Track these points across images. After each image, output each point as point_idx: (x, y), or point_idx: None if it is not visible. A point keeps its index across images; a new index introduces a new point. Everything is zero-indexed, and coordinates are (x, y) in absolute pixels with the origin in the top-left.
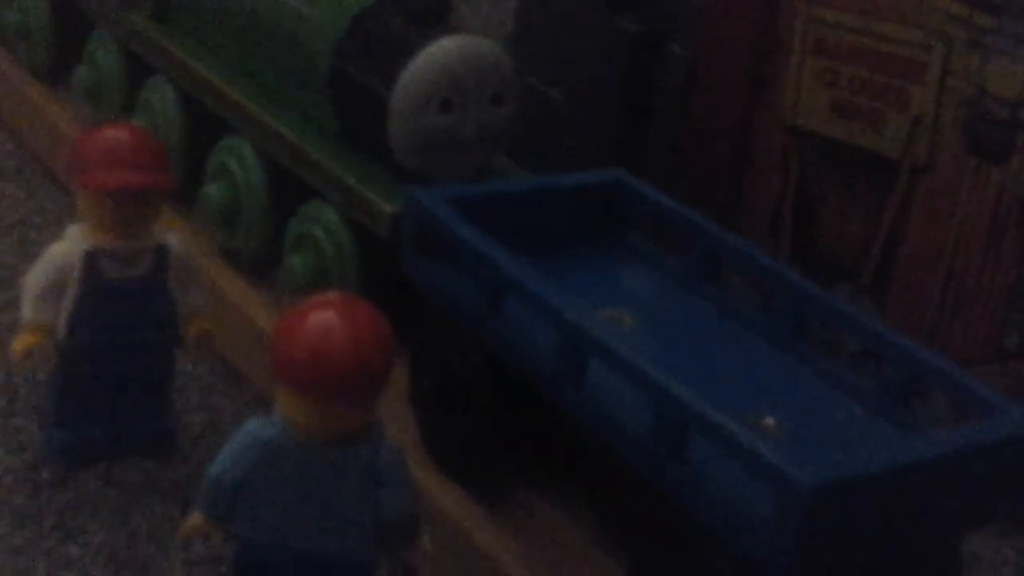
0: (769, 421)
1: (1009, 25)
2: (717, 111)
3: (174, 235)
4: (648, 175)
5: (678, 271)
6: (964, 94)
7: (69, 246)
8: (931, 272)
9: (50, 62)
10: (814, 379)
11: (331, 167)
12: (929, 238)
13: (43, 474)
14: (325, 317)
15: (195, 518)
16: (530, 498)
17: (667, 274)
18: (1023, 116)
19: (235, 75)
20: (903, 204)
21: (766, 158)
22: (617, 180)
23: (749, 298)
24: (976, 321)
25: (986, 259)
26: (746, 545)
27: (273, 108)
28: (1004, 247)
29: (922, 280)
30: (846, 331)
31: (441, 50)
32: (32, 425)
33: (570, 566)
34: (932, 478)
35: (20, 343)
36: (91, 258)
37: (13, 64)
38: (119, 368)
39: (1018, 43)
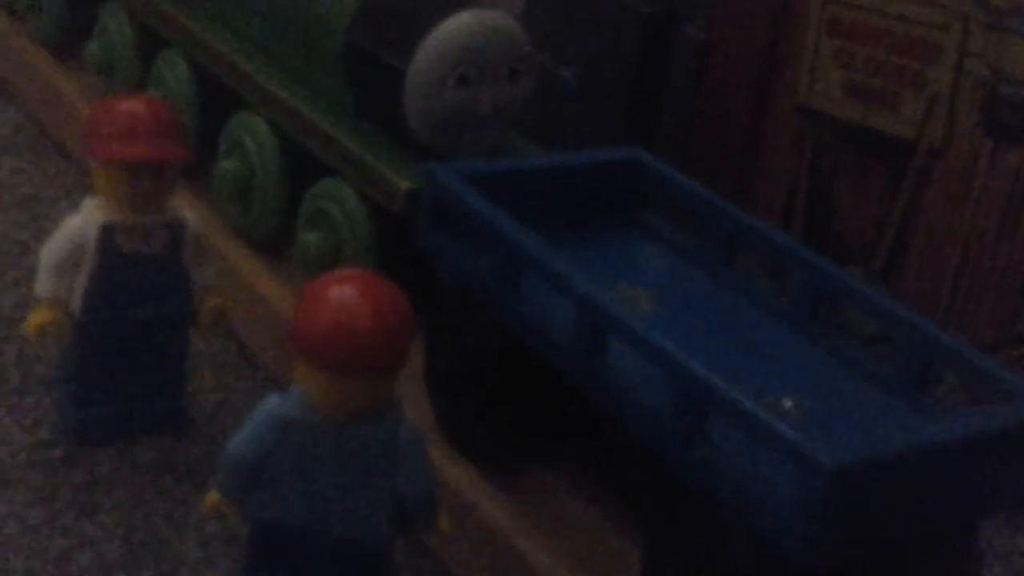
0: (787, 403)
1: None
2: (731, 93)
3: (190, 211)
4: (660, 156)
5: (695, 251)
6: (981, 76)
7: (84, 220)
8: (945, 255)
9: (62, 36)
10: (831, 361)
11: (346, 143)
12: (944, 221)
13: (58, 452)
14: (346, 292)
15: (212, 496)
16: (545, 477)
17: (684, 254)
18: None
19: (249, 49)
20: (918, 186)
21: (780, 140)
22: (635, 159)
23: (766, 279)
24: (990, 305)
25: (1001, 242)
26: (766, 526)
27: (287, 83)
28: (1019, 230)
29: (936, 263)
30: (864, 312)
31: (459, 24)
32: (47, 403)
33: (584, 545)
34: (952, 460)
35: (35, 319)
36: (107, 232)
37: (25, 38)
38: (133, 344)
39: None
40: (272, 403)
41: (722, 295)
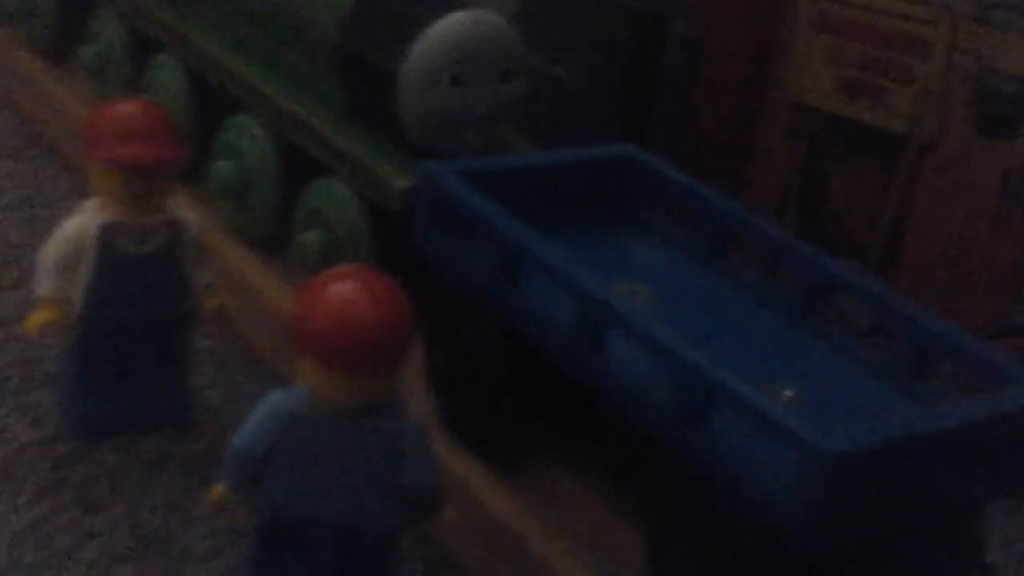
0: (787, 393)
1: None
2: (723, 90)
3: (189, 212)
4: (654, 153)
5: (691, 246)
6: (970, 70)
7: (84, 220)
8: (939, 249)
9: (55, 41)
10: (829, 351)
11: (341, 143)
12: (937, 215)
13: (62, 448)
14: (347, 287)
15: (219, 489)
16: (547, 468)
17: (680, 249)
18: None
19: (242, 51)
20: (910, 181)
21: (773, 136)
22: (629, 155)
23: (762, 272)
24: (984, 298)
25: (993, 235)
26: (768, 512)
27: (281, 84)
28: (1011, 223)
29: (930, 257)
30: (860, 304)
31: (451, 25)
32: (50, 399)
33: (589, 535)
34: (951, 447)
35: (36, 318)
36: (106, 232)
37: (17, 43)
38: (135, 342)
39: None
40: (276, 397)
41: (719, 289)
